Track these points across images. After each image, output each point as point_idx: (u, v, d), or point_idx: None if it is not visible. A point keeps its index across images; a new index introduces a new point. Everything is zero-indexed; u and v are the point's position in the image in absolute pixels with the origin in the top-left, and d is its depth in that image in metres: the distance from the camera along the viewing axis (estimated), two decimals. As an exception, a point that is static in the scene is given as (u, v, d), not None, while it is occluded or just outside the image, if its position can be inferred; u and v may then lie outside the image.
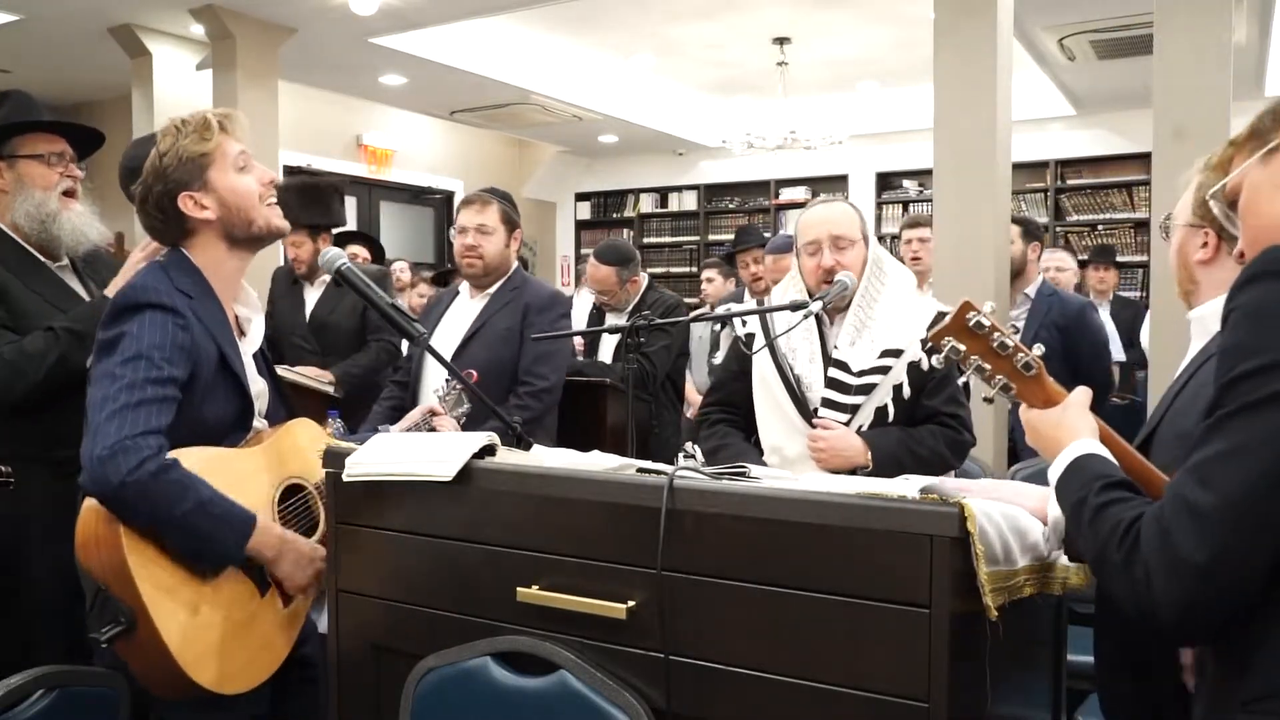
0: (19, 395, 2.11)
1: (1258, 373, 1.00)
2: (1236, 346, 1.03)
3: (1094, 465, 1.22)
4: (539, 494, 1.50)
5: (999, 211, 4.49)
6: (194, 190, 1.83)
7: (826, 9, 6.76)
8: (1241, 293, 1.04)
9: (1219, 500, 0.99)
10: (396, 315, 2.11)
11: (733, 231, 10.16)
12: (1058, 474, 1.27)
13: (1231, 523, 0.99)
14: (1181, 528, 1.01)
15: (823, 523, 1.29)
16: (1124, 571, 1.06)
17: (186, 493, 1.64)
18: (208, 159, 1.83)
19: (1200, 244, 1.78)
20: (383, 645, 1.66)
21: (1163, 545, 1.02)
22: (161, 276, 1.79)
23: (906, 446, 2.24)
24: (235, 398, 1.85)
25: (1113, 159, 8.77)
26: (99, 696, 1.68)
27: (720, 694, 1.35)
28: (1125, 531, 1.08)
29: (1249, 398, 1.00)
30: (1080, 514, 1.18)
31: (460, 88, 7.90)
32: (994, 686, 1.30)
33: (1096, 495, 1.16)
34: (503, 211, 3.02)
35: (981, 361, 1.34)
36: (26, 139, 2.29)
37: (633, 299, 4.28)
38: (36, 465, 2.16)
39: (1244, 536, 0.99)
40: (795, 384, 2.33)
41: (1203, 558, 0.99)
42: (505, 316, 2.96)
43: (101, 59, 6.84)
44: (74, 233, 2.29)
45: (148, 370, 1.67)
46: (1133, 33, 6.24)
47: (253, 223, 1.87)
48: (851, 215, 2.38)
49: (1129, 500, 1.14)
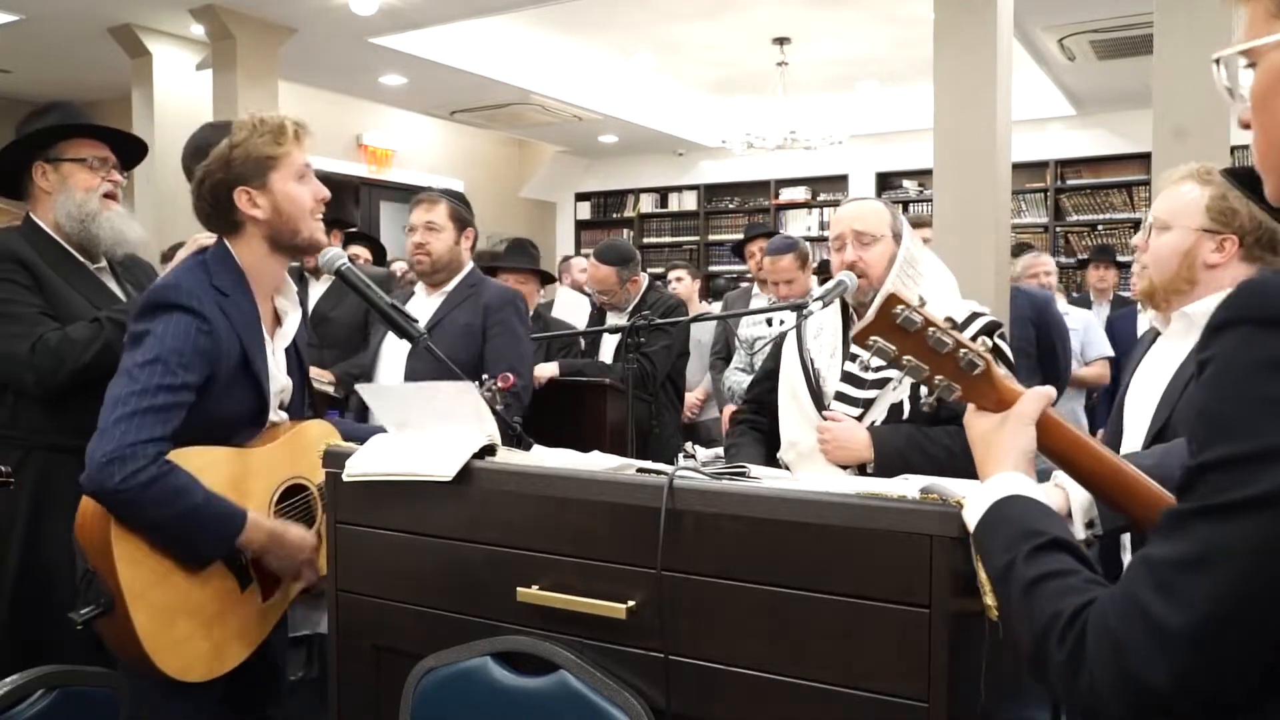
0: (64, 380, 2.16)
1: (1235, 464, 0.84)
2: (1210, 418, 0.87)
3: (1019, 516, 1.06)
4: (539, 494, 1.50)
5: (999, 211, 4.50)
6: (252, 187, 1.87)
7: (826, 9, 6.76)
8: (1216, 341, 0.89)
9: (1182, 619, 0.84)
10: (396, 315, 2.11)
11: (733, 231, 10.20)
12: (975, 517, 1.10)
13: (1197, 645, 0.83)
14: (1136, 644, 0.86)
15: (823, 523, 1.29)
16: (1067, 678, 0.91)
17: (176, 500, 1.70)
18: (275, 162, 1.88)
19: (1214, 248, 1.79)
20: (383, 645, 1.66)
21: (1115, 662, 0.87)
22: (199, 274, 1.85)
23: (916, 444, 2.20)
24: (252, 396, 1.89)
25: (1113, 159, 8.78)
26: (99, 696, 1.68)
27: (720, 694, 1.35)
28: (1067, 626, 0.92)
29: (1220, 498, 0.84)
30: (1008, 583, 1.02)
31: (460, 88, 7.91)
32: (993, 686, 1.30)
33: (1026, 562, 0.99)
34: (451, 209, 3.03)
35: (917, 361, 1.17)
36: (72, 143, 2.36)
37: (633, 299, 4.28)
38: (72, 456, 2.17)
39: (1210, 661, 0.84)
40: (814, 377, 2.33)
41: (1160, 680, 0.84)
42: (464, 313, 2.96)
43: (101, 59, 6.85)
44: (113, 232, 2.34)
45: (163, 376, 1.73)
46: (1133, 33, 6.24)
47: (298, 233, 1.92)
48: (879, 212, 2.37)
49: (1066, 576, 0.97)
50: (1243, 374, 0.85)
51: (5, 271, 2.21)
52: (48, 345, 2.16)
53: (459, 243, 3.03)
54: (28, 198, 2.36)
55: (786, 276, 4.28)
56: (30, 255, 2.25)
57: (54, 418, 2.23)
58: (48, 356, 2.15)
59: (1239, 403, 0.85)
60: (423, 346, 2.13)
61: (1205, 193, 1.82)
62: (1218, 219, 1.79)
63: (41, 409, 2.24)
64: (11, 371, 2.19)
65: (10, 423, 2.26)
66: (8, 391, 2.26)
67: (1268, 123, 0.93)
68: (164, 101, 6.53)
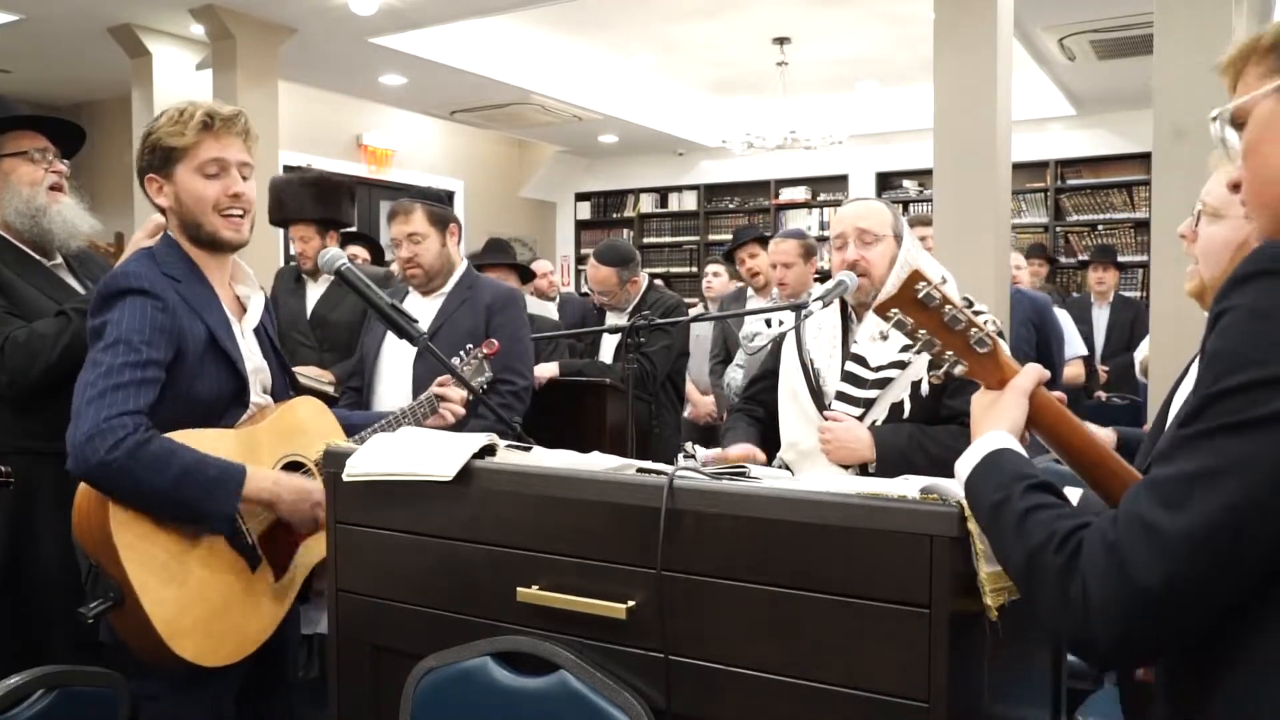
0: (36, 376, 2.14)
1: (1253, 387, 0.87)
2: (1228, 354, 0.90)
3: (1014, 463, 1.11)
4: (539, 494, 1.50)
5: (999, 211, 4.50)
6: (160, 176, 1.91)
7: (826, 9, 6.76)
8: (1236, 292, 0.92)
9: (1185, 524, 0.87)
10: (396, 316, 2.11)
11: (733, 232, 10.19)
12: (969, 467, 1.15)
13: (1197, 549, 0.87)
14: (1134, 546, 0.89)
15: (823, 523, 1.28)
16: (1057, 588, 0.95)
17: (170, 461, 1.71)
18: (178, 153, 1.88)
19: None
20: (383, 645, 1.66)
21: (1108, 563, 0.91)
22: (147, 263, 1.87)
23: (918, 443, 2.20)
24: (228, 375, 1.89)
25: (1113, 159, 8.78)
26: (99, 697, 1.68)
27: (720, 694, 1.35)
28: (1062, 542, 0.96)
29: (1239, 416, 0.88)
30: (1001, 515, 1.06)
31: (460, 88, 7.91)
32: (993, 686, 1.30)
33: (1022, 497, 1.05)
34: (429, 213, 2.99)
35: (932, 336, 1.25)
36: (8, 137, 2.30)
37: (633, 299, 4.28)
38: (46, 459, 2.17)
39: (1205, 566, 0.87)
40: (814, 377, 2.34)
41: (1154, 581, 0.88)
42: (466, 315, 2.93)
43: (101, 59, 6.85)
44: (65, 225, 2.31)
45: (126, 354, 1.74)
46: (1133, 33, 6.24)
47: (200, 226, 1.91)
48: (881, 211, 2.38)
49: (1060, 507, 1.03)
50: (1263, 317, 0.89)
51: None
52: (17, 342, 2.13)
53: (445, 244, 3.00)
54: None
55: (785, 260, 4.27)
56: None
57: (26, 421, 2.20)
58: (19, 353, 2.13)
59: (1258, 340, 0.89)
60: (423, 347, 2.13)
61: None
62: None
63: (13, 414, 2.20)
64: None
65: None
66: None
67: (1257, 165, 1.01)
68: (164, 101, 6.46)
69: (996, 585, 1.25)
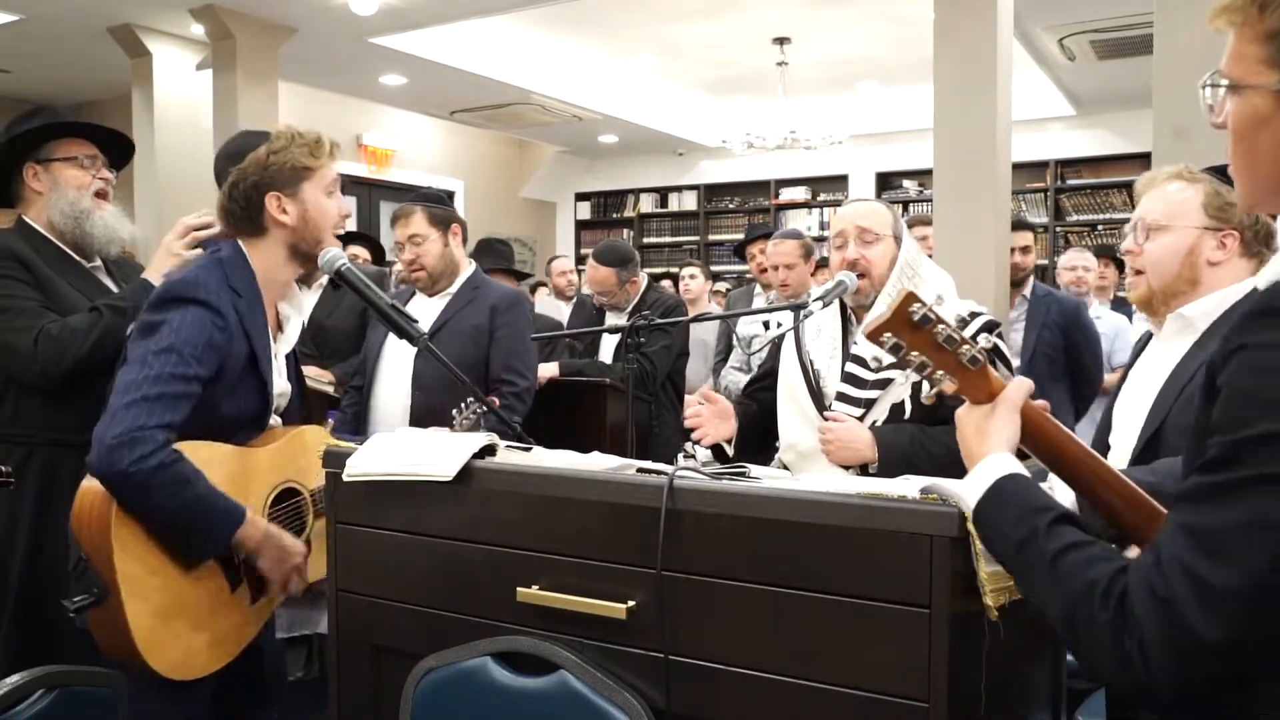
0: (67, 368, 2.18)
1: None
2: (1250, 395, 0.89)
3: (1024, 492, 1.11)
4: (539, 494, 1.50)
5: (999, 211, 4.50)
6: (284, 194, 1.94)
7: (826, 9, 6.76)
8: (1261, 328, 0.90)
9: (1236, 582, 0.87)
10: (396, 316, 2.10)
11: (733, 231, 10.20)
12: (976, 495, 1.15)
13: (1250, 605, 0.87)
14: (1187, 602, 0.89)
15: (823, 523, 1.28)
16: (1110, 643, 0.94)
17: (185, 488, 1.71)
18: (309, 173, 1.96)
19: (1216, 245, 1.78)
20: (383, 645, 1.66)
21: (1161, 617, 0.90)
22: (217, 272, 1.88)
23: (919, 443, 2.19)
24: (256, 397, 1.92)
25: (1113, 159, 8.79)
26: (99, 696, 1.67)
27: (720, 694, 1.35)
28: (1105, 593, 0.95)
29: (1275, 468, 0.87)
30: (1026, 554, 1.06)
31: (460, 88, 7.91)
32: (993, 686, 1.30)
33: (1047, 536, 1.04)
34: (429, 215, 2.98)
35: (923, 357, 1.24)
36: (61, 143, 2.38)
37: (633, 299, 4.28)
38: (73, 450, 2.18)
39: (1265, 619, 0.88)
40: (814, 378, 2.33)
41: (1217, 639, 0.88)
42: (472, 314, 2.93)
43: (101, 59, 6.85)
44: (106, 230, 2.37)
45: (176, 365, 1.75)
46: (1133, 33, 6.25)
47: (320, 243, 1.99)
48: (881, 212, 2.39)
49: (1091, 547, 1.02)
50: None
51: (5, 269, 2.22)
52: (50, 335, 2.18)
53: (448, 244, 2.99)
54: (19, 201, 2.37)
55: (786, 261, 4.30)
56: (28, 254, 2.26)
57: (56, 413, 2.24)
58: (51, 346, 2.17)
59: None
60: (422, 347, 2.13)
61: (1198, 191, 1.81)
62: (1217, 215, 1.78)
63: (44, 405, 2.25)
64: (16, 365, 2.21)
65: (12, 421, 2.27)
66: (9, 390, 2.27)
67: (1247, 150, 1.00)
68: (164, 101, 6.52)
69: (996, 585, 1.25)
